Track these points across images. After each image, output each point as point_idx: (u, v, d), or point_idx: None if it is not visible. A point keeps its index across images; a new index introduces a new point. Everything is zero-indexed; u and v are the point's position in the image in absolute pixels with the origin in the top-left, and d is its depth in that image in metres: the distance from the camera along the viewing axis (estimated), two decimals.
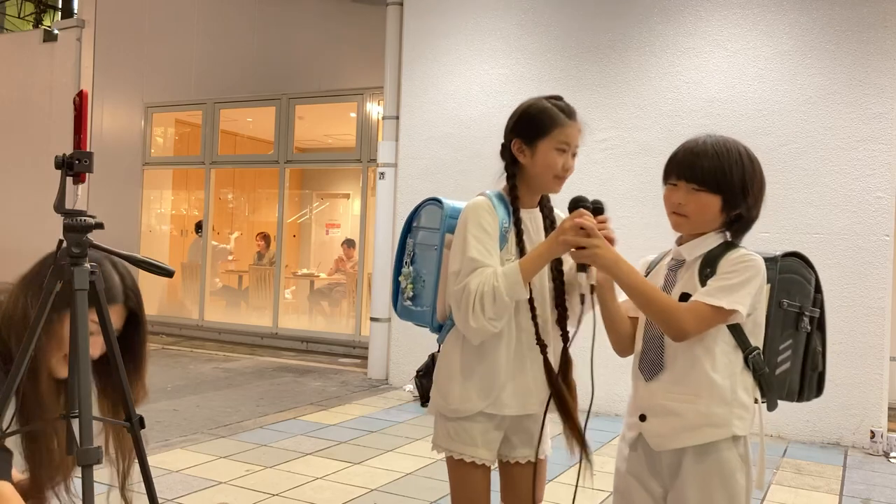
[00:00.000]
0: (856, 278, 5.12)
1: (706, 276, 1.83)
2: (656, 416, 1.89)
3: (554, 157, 2.07)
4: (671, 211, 1.93)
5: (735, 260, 1.83)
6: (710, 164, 1.84)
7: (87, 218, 1.60)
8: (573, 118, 2.11)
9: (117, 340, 1.71)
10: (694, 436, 1.83)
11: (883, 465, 4.79)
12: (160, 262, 1.77)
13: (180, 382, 6.60)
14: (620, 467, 2.03)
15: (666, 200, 1.95)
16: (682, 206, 1.89)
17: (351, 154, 8.83)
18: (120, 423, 1.76)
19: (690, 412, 1.83)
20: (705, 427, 1.83)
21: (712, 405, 1.83)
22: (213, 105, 9.51)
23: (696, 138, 1.92)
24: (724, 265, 1.83)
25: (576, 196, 2.00)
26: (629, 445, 1.99)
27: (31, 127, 10.81)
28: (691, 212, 1.88)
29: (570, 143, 2.09)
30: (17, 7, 16.91)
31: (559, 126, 2.07)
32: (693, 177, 1.86)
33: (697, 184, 1.86)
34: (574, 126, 2.10)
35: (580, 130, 2.11)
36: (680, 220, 1.91)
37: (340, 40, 8.59)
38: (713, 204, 1.85)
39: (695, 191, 1.86)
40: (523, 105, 2.12)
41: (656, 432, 1.89)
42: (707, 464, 1.83)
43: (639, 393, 1.95)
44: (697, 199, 1.86)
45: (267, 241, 10.60)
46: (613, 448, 5.32)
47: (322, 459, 4.42)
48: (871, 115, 5.14)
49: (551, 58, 6.20)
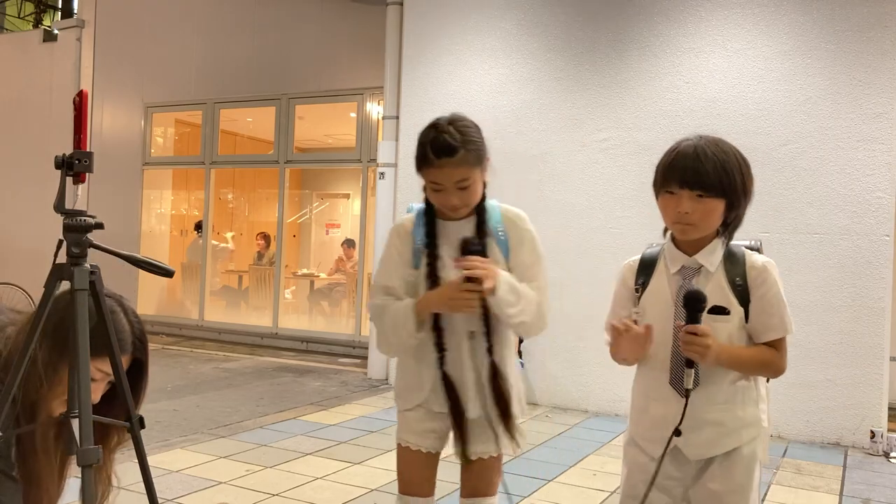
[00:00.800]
0: (856, 278, 5.12)
1: (739, 287, 1.86)
2: (696, 430, 1.88)
3: (434, 195, 2.10)
4: (675, 220, 1.87)
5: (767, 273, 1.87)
6: (713, 171, 1.82)
7: (87, 218, 1.60)
8: (441, 158, 2.01)
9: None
10: (732, 440, 1.89)
11: (883, 465, 4.78)
12: (160, 262, 1.77)
13: (180, 382, 6.59)
14: (635, 476, 2.01)
15: (666, 209, 1.89)
16: (689, 215, 1.84)
17: (351, 154, 8.83)
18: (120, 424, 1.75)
19: (730, 419, 1.88)
20: (742, 430, 1.89)
21: (747, 407, 1.90)
22: (213, 105, 9.51)
23: (688, 143, 1.88)
24: (759, 278, 1.86)
25: (463, 238, 2.06)
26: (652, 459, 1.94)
27: (31, 127, 10.81)
28: (698, 219, 1.85)
29: (439, 182, 2.05)
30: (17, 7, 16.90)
31: (426, 167, 2.07)
32: (698, 184, 1.82)
33: (703, 191, 1.82)
34: (442, 167, 2.02)
35: (459, 164, 2.02)
36: (688, 229, 1.87)
37: (340, 40, 8.59)
38: (718, 209, 1.85)
39: (699, 198, 1.83)
40: (422, 131, 2.12)
41: (696, 444, 1.90)
42: (736, 461, 1.90)
43: (671, 409, 1.88)
44: (703, 205, 1.83)
45: (267, 240, 10.60)
46: (613, 448, 5.32)
47: (322, 459, 4.42)
48: (871, 115, 5.14)
49: (551, 58, 6.20)
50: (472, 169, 2.05)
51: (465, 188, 2.05)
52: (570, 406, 5.87)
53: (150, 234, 10.43)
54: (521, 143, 6.15)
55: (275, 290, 9.24)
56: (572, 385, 5.90)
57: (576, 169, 5.93)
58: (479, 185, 2.10)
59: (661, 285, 1.94)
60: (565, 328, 5.84)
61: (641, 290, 1.97)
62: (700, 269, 1.90)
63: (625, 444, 2.09)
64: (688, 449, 1.90)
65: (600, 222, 5.83)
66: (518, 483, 4.04)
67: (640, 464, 1.99)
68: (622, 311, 2.00)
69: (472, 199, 2.09)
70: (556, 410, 5.80)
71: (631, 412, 2.07)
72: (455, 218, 2.13)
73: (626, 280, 2.02)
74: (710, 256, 1.89)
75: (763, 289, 1.86)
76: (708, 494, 1.91)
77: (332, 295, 10.41)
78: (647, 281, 1.97)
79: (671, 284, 1.92)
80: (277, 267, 9.32)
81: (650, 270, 1.98)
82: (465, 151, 2.02)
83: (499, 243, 2.14)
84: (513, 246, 2.15)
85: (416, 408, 2.21)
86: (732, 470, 1.89)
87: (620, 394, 5.65)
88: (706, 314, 1.82)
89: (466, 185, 2.05)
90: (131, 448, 1.74)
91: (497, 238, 2.13)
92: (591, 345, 5.77)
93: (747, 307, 1.86)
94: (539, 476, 4.20)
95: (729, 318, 1.85)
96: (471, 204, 2.10)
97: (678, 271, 1.92)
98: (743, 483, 1.90)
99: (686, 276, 1.90)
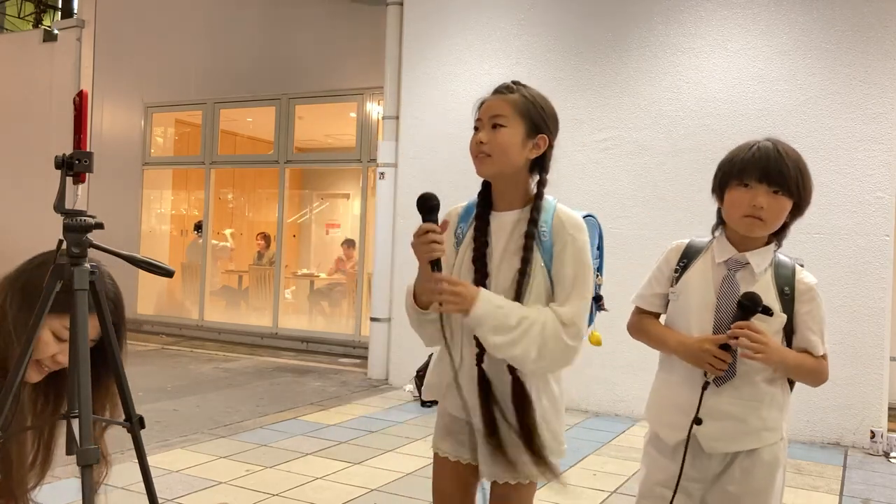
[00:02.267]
0: (856, 278, 5.12)
1: (786, 296, 1.90)
2: (717, 421, 1.89)
3: (471, 140, 1.94)
4: (746, 213, 1.87)
5: (815, 292, 1.93)
6: (793, 169, 1.86)
7: (86, 218, 1.60)
8: (496, 93, 1.94)
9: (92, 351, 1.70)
10: (752, 440, 1.90)
11: (883, 465, 4.78)
12: (160, 262, 1.77)
13: (180, 382, 6.59)
14: (653, 476, 2.01)
15: (739, 202, 1.89)
16: (763, 210, 1.86)
17: (351, 154, 8.83)
18: (120, 424, 1.75)
19: (753, 417, 1.90)
20: (763, 431, 1.90)
21: (772, 410, 1.92)
22: (213, 105, 9.51)
23: (764, 143, 1.90)
24: (807, 294, 1.92)
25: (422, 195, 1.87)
26: (671, 450, 1.95)
27: (31, 127, 10.81)
28: (769, 216, 1.87)
29: (480, 117, 1.93)
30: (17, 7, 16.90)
31: (476, 110, 1.96)
32: (777, 180, 1.85)
33: (779, 187, 1.85)
34: (488, 99, 1.94)
35: (503, 100, 1.90)
36: (757, 224, 1.88)
37: (341, 40, 8.59)
38: (787, 208, 1.89)
39: (775, 194, 1.86)
40: None
41: (714, 436, 1.90)
42: (756, 464, 1.90)
43: (698, 397, 1.90)
44: (777, 202, 1.87)
45: (267, 240, 10.60)
46: (614, 448, 5.31)
47: (322, 459, 4.42)
48: (871, 115, 5.14)
49: (551, 58, 6.20)
50: (515, 114, 1.88)
51: (498, 128, 1.88)
52: (570, 406, 5.86)
53: (150, 234, 10.43)
54: None
55: (275, 290, 9.24)
56: (572, 385, 5.89)
57: (576, 169, 5.93)
58: (515, 141, 1.88)
59: (704, 271, 1.96)
60: None
61: (681, 272, 1.99)
62: (746, 265, 1.92)
63: (645, 443, 2.09)
64: (705, 440, 1.90)
65: (600, 222, 5.82)
66: None
67: (659, 464, 1.99)
68: (658, 288, 2.04)
69: (500, 147, 1.87)
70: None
71: (650, 406, 2.06)
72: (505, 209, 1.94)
73: (668, 259, 2.04)
74: (759, 257, 1.92)
75: (811, 305, 1.92)
76: (725, 497, 1.91)
77: (332, 295, 10.41)
78: (689, 264, 1.99)
79: (715, 273, 1.94)
80: (277, 267, 9.32)
81: (695, 256, 1.99)
82: (518, 95, 1.91)
83: (542, 246, 1.88)
84: (556, 252, 1.88)
85: (442, 409, 2.04)
86: (752, 473, 1.90)
87: (620, 394, 5.65)
88: None
89: (501, 125, 1.88)
90: (131, 448, 1.74)
91: (540, 240, 1.88)
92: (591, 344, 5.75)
93: (790, 319, 1.91)
94: None
95: (771, 320, 1.87)
96: (497, 154, 1.87)
97: (724, 262, 1.94)
98: (762, 487, 1.90)
99: (731, 267, 1.93)
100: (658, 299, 2.04)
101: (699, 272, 1.96)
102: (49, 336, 1.67)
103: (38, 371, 1.72)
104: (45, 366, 1.72)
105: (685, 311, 1.97)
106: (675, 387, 1.97)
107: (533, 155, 1.92)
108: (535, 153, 1.92)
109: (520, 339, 1.79)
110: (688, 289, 1.97)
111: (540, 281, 1.87)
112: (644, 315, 2.08)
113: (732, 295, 1.89)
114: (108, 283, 1.77)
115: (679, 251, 2.02)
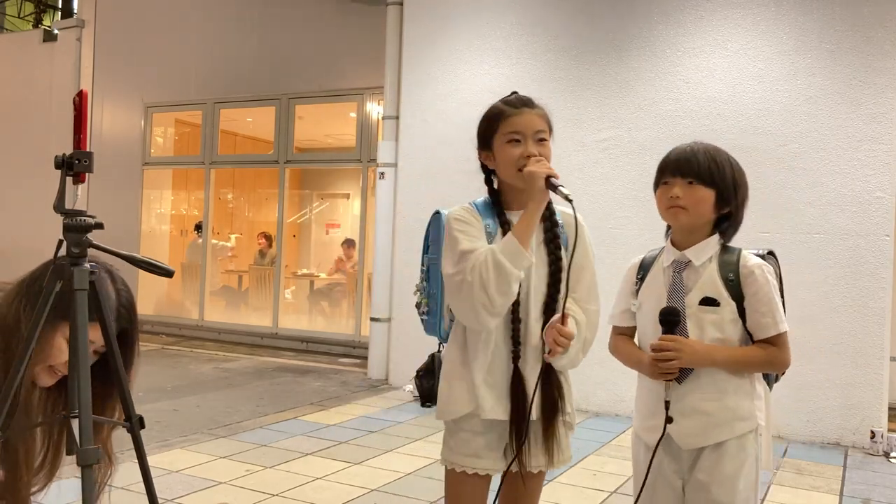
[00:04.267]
0: (856, 278, 5.11)
1: (731, 282, 1.95)
2: (686, 417, 1.95)
3: (509, 151, 1.97)
4: (667, 206, 2.00)
5: (759, 272, 1.95)
6: (704, 160, 1.97)
7: (86, 218, 1.60)
8: (521, 107, 2.00)
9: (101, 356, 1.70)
10: (723, 431, 1.94)
11: (883, 465, 4.78)
12: (160, 262, 1.77)
13: (180, 382, 6.59)
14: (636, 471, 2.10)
15: (660, 200, 2.03)
16: (679, 198, 1.96)
17: (351, 154, 8.83)
18: (120, 424, 1.75)
19: (719, 409, 1.95)
20: (734, 421, 1.95)
21: (739, 399, 1.96)
22: (213, 105, 9.51)
23: (683, 144, 2.04)
24: (750, 277, 1.95)
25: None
26: (649, 450, 2.01)
27: (31, 127, 10.81)
28: (688, 203, 1.96)
29: (519, 130, 1.97)
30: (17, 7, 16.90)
31: (504, 118, 2.00)
32: (689, 171, 1.97)
33: (693, 177, 1.96)
34: (522, 114, 1.99)
35: (539, 115, 2.00)
36: (678, 212, 1.98)
37: (341, 40, 8.59)
38: (708, 197, 1.96)
39: (690, 185, 1.96)
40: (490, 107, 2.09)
41: (686, 433, 1.96)
42: (724, 453, 1.95)
43: (662, 399, 1.95)
44: (694, 192, 1.96)
45: (269, 240, 10.60)
46: (614, 448, 5.32)
47: (322, 459, 4.42)
48: (871, 115, 5.14)
49: (551, 58, 6.20)
50: (548, 130, 2.01)
51: (543, 142, 1.98)
52: None
53: (150, 234, 10.44)
54: None
55: (275, 290, 9.24)
56: (573, 385, 5.87)
57: (576, 169, 5.93)
58: (550, 157, 2.00)
59: (656, 279, 2.06)
60: None
61: (640, 284, 2.10)
62: (689, 263, 2.00)
63: (632, 441, 2.17)
64: (678, 438, 1.97)
65: (600, 222, 5.82)
66: None
67: (639, 458, 2.08)
68: (623, 305, 2.14)
69: (548, 158, 1.98)
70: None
71: (635, 412, 2.16)
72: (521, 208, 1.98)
73: (628, 277, 2.16)
74: (700, 252, 2.00)
75: (755, 287, 1.95)
76: (697, 485, 1.97)
77: (332, 295, 10.41)
78: (645, 275, 2.10)
79: (665, 277, 2.04)
80: (277, 267, 9.32)
81: (649, 266, 2.11)
82: (545, 110, 2.03)
83: (562, 239, 2.02)
84: (569, 246, 2.00)
85: (471, 420, 1.98)
86: (720, 461, 1.94)
87: (620, 394, 5.65)
88: (697, 305, 1.95)
89: (544, 139, 1.98)
90: (131, 448, 1.74)
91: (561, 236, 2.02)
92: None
93: (742, 304, 1.96)
94: None
95: (719, 310, 1.95)
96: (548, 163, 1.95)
97: (670, 264, 2.03)
98: (730, 475, 1.94)
99: (676, 269, 2.02)
100: (627, 315, 2.14)
101: (652, 281, 2.07)
102: (62, 342, 1.67)
103: (51, 376, 1.71)
104: (58, 371, 1.71)
105: (645, 319, 2.06)
106: (647, 391, 2.06)
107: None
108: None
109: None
110: (644, 298, 2.07)
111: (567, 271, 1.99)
112: (618, 336, 2.17)
113: (680, 295, 1.98)
114: (121, 288, 1.77)
115: (636, 267, 2.14)
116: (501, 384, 1.97)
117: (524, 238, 1.88)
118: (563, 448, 2.06)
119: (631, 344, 2.13)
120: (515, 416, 1.95)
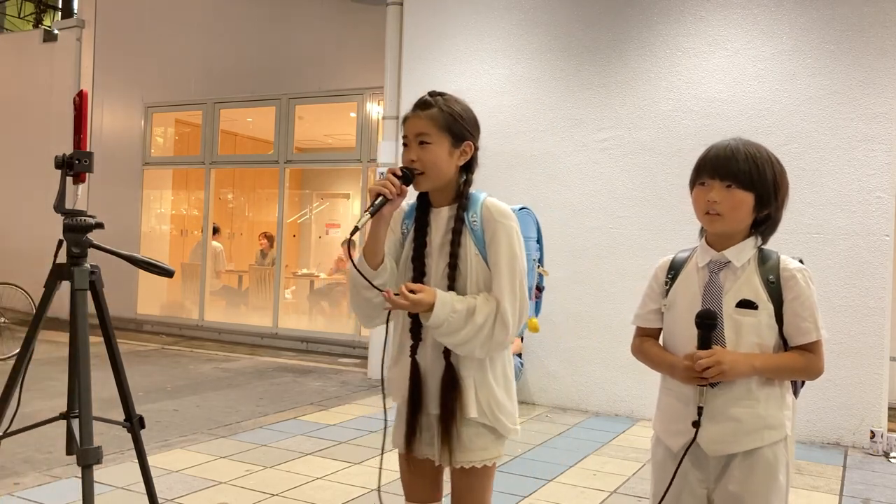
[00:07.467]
0: (856, 278, 5.12)
1: (772, 285, 1.90)
2: (715, 423, 1.89)
3: (402, 157, 2.11)
4: (704, 211, 1.93)
5: (801, 276, 1.90)
6: (744, 162, 1.89)
7: (86, 218, 1.61)
8: (414, 110, 2.07)
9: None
10: (752, 439, 1.89)
11: (883, 465, 4.78)
12: (160, 262, 1.77)
13: (180, 382, 6.60)
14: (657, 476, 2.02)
15: (697, 201, 1.95)
16: (717, 204, 1.90)
17: (351, 154, 8.83)
18: (120, 424, 1.75)
19: (750, 417, 1.89)
20: (763, 430, 1.89)
21: (770, 408, 1.90)
22: (213, 105, 9.51)
23: (723, 141, 1.96)
24: (791, 280, 1.90)
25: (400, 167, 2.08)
26: (671, 453, 1.96)
27: (31, 127, 10.81)
28: (726, 210, 1.90)
29: (405, 134, 2.08)
30: (17, 7, 16.91)
31: (404, 122, 2.11)
32: (728, 174, 1.89)
33: (732, 181, 1.89)
34: (409, 118, 2.07)
35: (424, 118, 2.04)
36: (714, 219, 1.92)
37: (340, 40, 8.59)
38: (747, 201, 1.89)
39: (728, 188, 1.89)
40: None
41: (714, 438, 1.90)
42: (757, 463, 1.89)
43: (692, 403, 1.92)
44: (732, 196, 1.89)
45: (270, 240, 10.60)
46: (614, 448, 5.31)
47: (322, 459, 4.42)
48: (871, 115, 5.14)
49: (551, 58, 6.20)
50: (438, 130, 2.02)
51: (424, 145, 2.02)
52: (570, 406, 5.87)
53: (150, 234, 10.44)
54: (521, 143, 6.15)
55: (275, 290, 9.24)
56: (572, 385, 5.89)
57: (576, 169, 5.93)
58: (443, 155, 2.03)
59: (689, 278, 1.99)
60: (565, 328, 5.83)
61: (670, 284, 2.03)
62: (728, 263, 1.94)
63: (652, 444, 2.10)
64: (706, 444, 1.90)
65: (600, 222, 5.82)
66: (518, 483, 4.05)
67: (662, 463, 2.00)
68: (651, 305, 2.07)
69: (430, 163, 2.02)
70: (556, 410, 5.80)
71: (657, 417, 2.08)
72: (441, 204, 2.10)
73: (657, 276, 2.09)
74: (739, 253, 1.93)
75: (797, 290, 1.89)
76: (728, 496, 1.91)
77: (332, 295, 10.41)
78: (676, 275, 2.02)
79: (699, 277, 1.97)
80: (277, 267, 9.32)
81: (681, 266, 2.04)
82: (437, 110, 2.03)
83: (473, 235, 2.03)
84: (487, 240, 2.02)
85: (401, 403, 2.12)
86: (752, 472, 1.89)
87: (620, 394, 5.65)
88: (735, 308, 1.89)
89: (426, 142, 2.02)
90: (131, 448, 1.74)
91: (472, 229, 2.03)
92: (591, 344, 5.77)
93: (780, 308, 1.90)
94: (539, 476, 4.20)
95: (757, 313, 1.88)
96: (429, 169, 2.02)
97: (706, 265, 1.97)
98: (762, 486, 1.88)
99: (713, 269, 1.95)
100: (654, 315, 2.07)
101: (685, 280, 2.00)
102: None
103: None
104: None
105: (677, 320, 1.99)
106: (673, 393, 2.00)
107: (461, 161, 2.07)
108: (463, 159, 2.07)
109: (471, 338, 1.96)
110: (676, 298, 2.00)
111: (476, 269, 2.02)
112: (644, 337, 2.11)
113: (717, 296, 1.91)
114: None
115: (665, 266, 2.08)
116: (402, 375, 2.08)
117: (366, 252, 2.16)
118: (468, 448, 2.03)
119: (660, 347, 2.06)
120: (410, 407, 2.05)
